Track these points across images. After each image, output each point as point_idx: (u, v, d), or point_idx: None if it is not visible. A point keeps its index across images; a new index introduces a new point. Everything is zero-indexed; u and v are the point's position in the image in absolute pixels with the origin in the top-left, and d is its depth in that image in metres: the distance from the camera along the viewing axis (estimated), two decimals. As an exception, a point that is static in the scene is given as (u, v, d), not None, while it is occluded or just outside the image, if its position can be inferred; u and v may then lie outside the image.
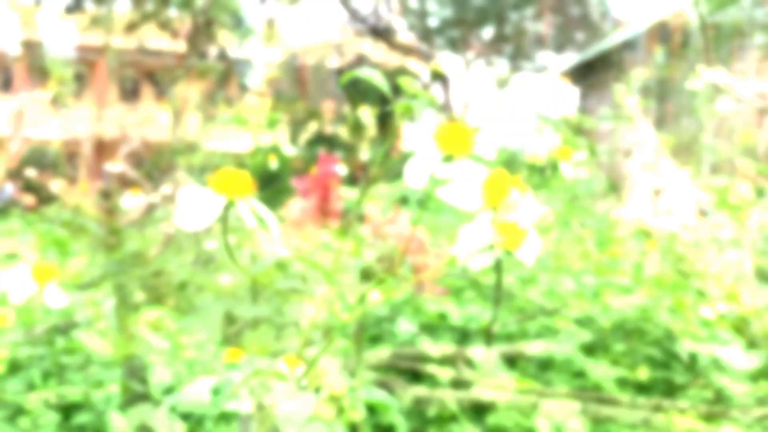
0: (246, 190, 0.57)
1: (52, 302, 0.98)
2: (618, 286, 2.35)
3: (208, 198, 0.57)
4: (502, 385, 1.77)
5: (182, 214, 0.55)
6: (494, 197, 0.52)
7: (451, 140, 0.57)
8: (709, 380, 2.09)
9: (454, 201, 0.53)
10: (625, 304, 2.22)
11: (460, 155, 0.58)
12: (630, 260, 2.66)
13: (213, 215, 0.55)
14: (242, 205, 0.57)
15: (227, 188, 0.57)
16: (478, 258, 0.52)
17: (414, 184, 0.56)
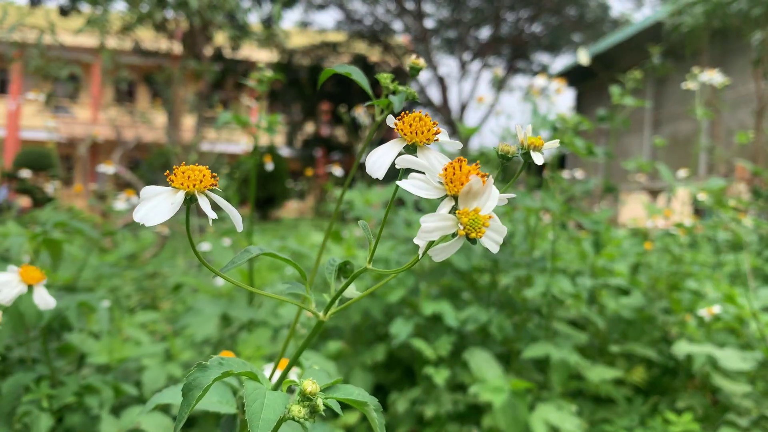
0: (206, 184, 0.57)
1: (40, 304, 0.97)
2: (614, 288, 2.35)
3: (168, 193, 0.56)
4: (499, 386, 1.77)
5: (143, 210, 0.54)
6: (455, 185, 0.52)
7: (413, 130, 0.57)
8: (706, 382, 2.08)
9: (414, 190, 0.52)
10: (622, 306, 2.21)
11: (422, 144, 0.57)
12: (626, 261, 2.66)
13: (173, 210, 0.55)
14: (202, 199, 0.57)
15: (187, 183, 0.56)
16: (441, 248, 0.51)
17: (374, 174, 0.55)
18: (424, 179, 0.53)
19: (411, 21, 18.80)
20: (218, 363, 0.58)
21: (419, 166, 0.54)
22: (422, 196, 0.52)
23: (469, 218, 0.50)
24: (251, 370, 0.60)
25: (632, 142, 14.53)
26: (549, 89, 2.40)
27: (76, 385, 1.37)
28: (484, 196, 0.51)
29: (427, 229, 0.50)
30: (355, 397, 0.63)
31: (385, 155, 0.56)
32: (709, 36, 7.83)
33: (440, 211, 0.51)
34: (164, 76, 8.46)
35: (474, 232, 0.50)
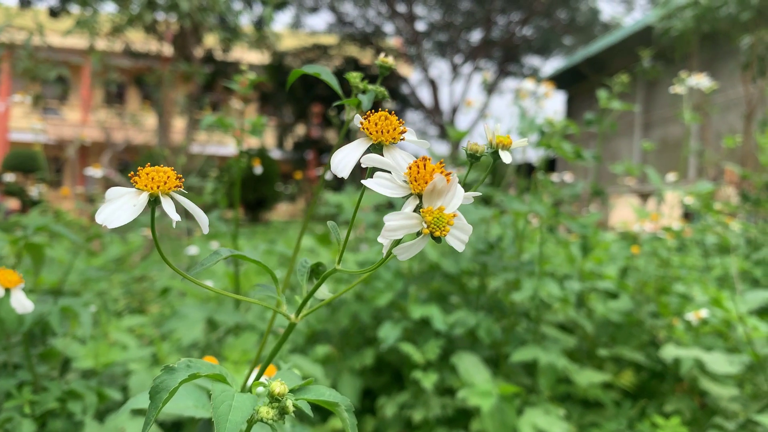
0: (170, 186, 0.56)
1: (18, 308, 0.96)
2: (603, 291, 2.35)
3: (132, 195, 0.56)
4: (487, 391, 1.76)
5: (105, 212, 0.54)
6: (419, 184, 0.52)
7: (379, 129, 0.57)
8: (694, 385, 2.09)
9: (379, 189, 0.52)
10: (610, 310, 2.22)
11: (388, 143, 0.57)
12: (615, 265, 2.66)
13: (136, 212, 0.54)
14: (166, 201, 0.56)
15: (151, 184, 0.56)
16: (406, 247, 0.51)
17: (339, 173, 0.55)
18: (389, 178, 0.53)
19: (402, 24, 18.82)
20: (186, 365, 0.57)
21: (385, 165, 0.54)
22: (387, 194, 0.52)
23: (434, 217, 0.50)
24: (220, 373, 0.60)
25: (622, 144, 14.58)
26: (538, 93, 2.40)
27: (59, 390, 1.35)
28: (448, 194, 0.51)
29: (390, 227, 0.49)
30: (326, 398, 0.62)
31: (350, 154, 0.56)
32: (698, 40, 7.87)
33: (404, 210, 0.51)
34: (154, 78, 8.43)
35: (438, 230, 0.50)
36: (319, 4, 18.46)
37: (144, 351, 1.85)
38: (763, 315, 2.24)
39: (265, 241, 5.48)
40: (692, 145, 9.94)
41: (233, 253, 0.64)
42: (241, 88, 1.57)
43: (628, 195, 8.18)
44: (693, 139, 10.95)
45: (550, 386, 1.94)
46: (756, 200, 3.08)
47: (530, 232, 2.52)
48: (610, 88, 2.57)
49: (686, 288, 2.31)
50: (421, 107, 19.87)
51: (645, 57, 5.16)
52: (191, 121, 8.97)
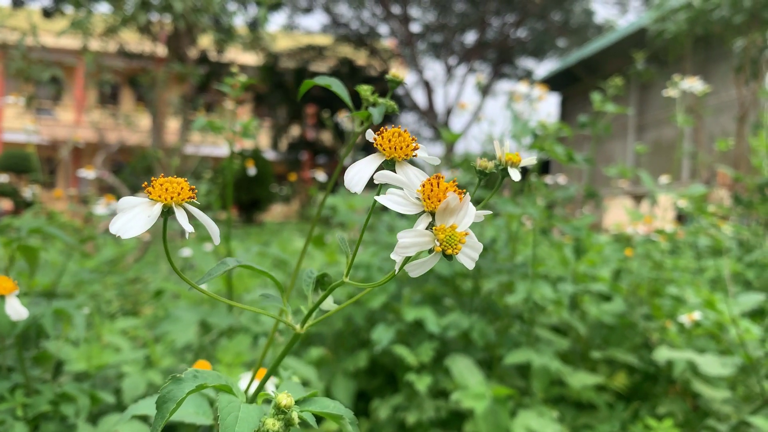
0: (184, 197, 0.57)
1: (12, 314, 0.96)
2: (596, 294, 2.35)
3: (145, 205, 0.56)
4: (480, 393, 1.76)
5: (119, 222, 0.54)
6: (433, 202, 0.52)
7: (392, 145, 0.57)
8: (687, 387, 2.10)
9: (392, 206, 0.52)
10: (603, 312, 2.22)
11: (400, 160, 0.58)
12: (608, 267, 2.67)
13: (150, 223, 0.55)
14: (180, 212, 0.56)
15: (165, 195, 0.56)
16: (418, 264, 0.51)
17: (353, 189, 0.55)
18: (402, 195, 0.54)
19: (397, 25, 18.83)
20: (193, 375, 0.57)
21: (397, 182, 0.54)
22: (400, 211, 0.52)
23: (446, 235, 0.50)
24: (226, 383, 0.60)
25: (616, 147, 14.63)
26: (531, 96, 2.41)
27: (52, 393, 1.35)
28: (460, 212, 0.51)
29: (404, 244, 0.50)
30: (330, 410, 0.62)
31: (363, 170, 0.56)
32: (692, 42, 7.91)
33: (417, 227, 0.52)
34: (148, 79, 8.42)
35: (450, 248, 0.50)
36: (314, 5, 18.46)
37: (137, 353, 1.84)
38: (755, 317, 2.25)
39: (259, 242, 5.48)
40: (685, 147, 9.98)
41: (240, 264, 0.65)
42: (233, 91, 1.57)
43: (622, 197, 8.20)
44: (686, 142, 11.00)
45: (544, 388, 1.95)
46: (748, 203, 3.09)
47: (524, 234, 2.52)
48: (603, 90, 2.58)
49: (679, 290, 2.32)
50: (416, 108, 19.89)
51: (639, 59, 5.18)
52: (185, 122, 8.96)
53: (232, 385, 0.60)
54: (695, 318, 2.00)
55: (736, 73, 6.84)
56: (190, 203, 0.58)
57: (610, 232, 3.98)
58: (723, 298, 2.06)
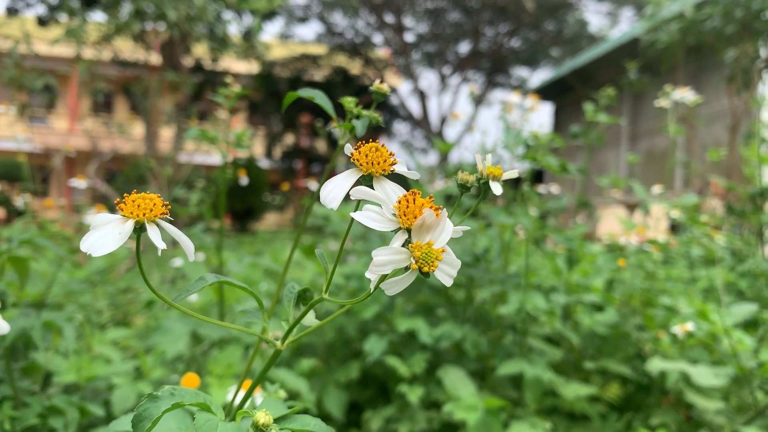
0: (157, 213, 0.56)
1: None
2: (589, 304, 2.35)
3: (117, 222, 0.55)
4: (473, 404, 1.76)
5: (90, 240, 0.53)
6: (408, 218, 0.51)
7: (369, 160, 0.57)
8: (680, 398, 2.09)
9: (368, 222, 0.52)
10: (596, 322, 2.22)
11: (378, 175, 0.57)
12: (601, 277, 2.67)
13: (121, 240, 0.54)
14: (151, 229, 0.56)
15: (137, 212, 0.55)
16: (393, 282, 0.50)
17: (328, 204, 0.55)
18: (378, 211, 0.53)
19: (391, 35, 18.88)
20: (170, 393, 0.56)
21: (374, 198, 0.54)
22: (376, 228, 0.51)
23: (422, 252, 0.49)
24: (204, 401, 0.59)
25: (609, 156, 14.68)
26: (524, 106, 2.41)
27: (40, 406, 1.34)
28: (437, 229, 0.51)
29: (379, 262, 0.49)
30: (311, 428, 0.62)
31: (339, 185, 0.55)
32: (684, 52, 7.95)
33: (393, 245, 0.51)
34: (142, 87, 8.41)
35: (427, 266, 0.49)
36: (309, 14, 18.50)
37: (127, 365, 1.83)
38: (748, 328, 2.25)
39: (252, 252, 5.46)
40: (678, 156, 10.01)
41: (219, 280, 0.64)
42: (227, 101, 1.57)
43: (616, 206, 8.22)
44: (679, 151, 11.04)
45: (537, 399, 1.94)
46: (741, 212, 3.10)
47: (517, 244, 2.52)
48: (596, 101, 2.59)
49: (672, 300, 2.32)
50: (410, 118, 19.92)
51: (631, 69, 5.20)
52: (179, 131, 8.94)
53: (211, 403, 0.60)
54: (688, 329, 2.00)
55: (728, 83, 6.88)
56: (164, 219, 0.58)
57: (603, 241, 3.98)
58: (716, 308, 2.06)
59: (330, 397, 2.00)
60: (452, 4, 17.93)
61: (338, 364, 2.18)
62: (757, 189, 2.77)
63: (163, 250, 0.57)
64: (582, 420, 2.10)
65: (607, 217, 6.67)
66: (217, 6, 7.48)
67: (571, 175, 2.12)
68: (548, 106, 18.50)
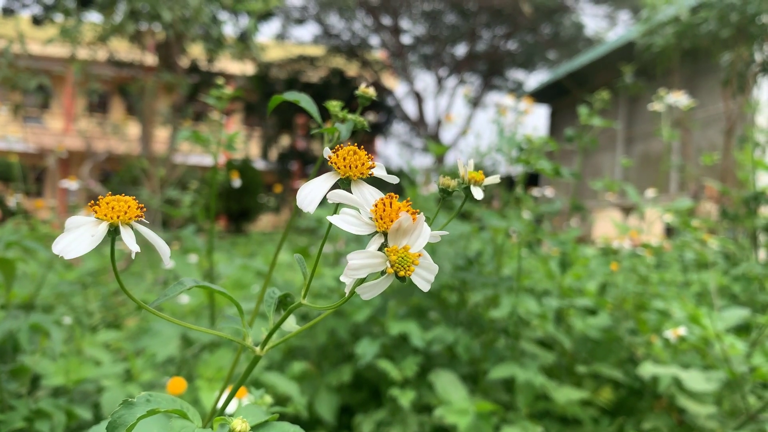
0: (131, 215, 0.55)
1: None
2: (581, 308, 2.35)
3: (91, 224, 0.54)
4: (464, 408, 1.75)
5: (63, 242, 0.52)
6: (385, 222, 0.51)
7: (347, 164, 0.56)
8: (672, 403, 2.09)
9: (345, 226, 0.51)
10: (589, 326, 2.21)
11: (356, 178, 0.56)
12: (594, 281, 2.67)
13: (94, 243, 0.53)
14: (126, 231, 0.55)
15: (111, 214, 0.54)
16: (369, 286, 0.50)
17: (305, 208, 0.54)
18: (355, 215, 0.52)
19: (388, 36, 18.89)
20: (146, 400, 0.55)
21: (351, 201, 0.53)
22: (352, 232, 0.51)
23: (398, 256, 0.49)
24: (180, 407, 0.58)
25: (605, 159, 14.69)
26: (518, 109, 2.41)
27: (27, 409, 1.33)
28: (414, 233, 0.50)
29: (354, 266, 0.48)
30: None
31: (316, 189, 0.55)
32: (679, 56, 7.96)
33: (369, 248, 0.50)
34: (137, 88, 8.39)
35: (403, 270, 0.49)
36: (306, 16, 18.49)
37: (117, 367, 1.82)
38: (740, 332, 2.24)
39: (245, 253, 5.44)
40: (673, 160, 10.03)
41: (198, 284, 0.63)
42: (219, 103, 1.56)
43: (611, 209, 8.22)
44: (674, 154, 11.06)
45: (528, 403, 1.93)
46: (734, 216, 3.10)
47: (510, 247, 2.51)
48: (590, 104, 2.58)
49: (665, 304, 2.32)
50: (407, 119, 19.93)
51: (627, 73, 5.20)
52: (174, 131, 8.93)
53: (187, 410, 0.59)
54: (680, 333, 1.99)
55: (723, 86, 6.88)
56: (139, 222, 0.57)
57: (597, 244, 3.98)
58: (708, 312, 2.05)
59: (321, 400, 1.99)
60: (449, 7, 17.94)
61: (330, 367, 2.17)
62: (751, 193, 2.77)
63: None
64: (574, 424, 2.10)
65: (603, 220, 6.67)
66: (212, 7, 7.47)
67: (565, 178, 2.11)
68: (544, 108, 18.52)
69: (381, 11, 18.26)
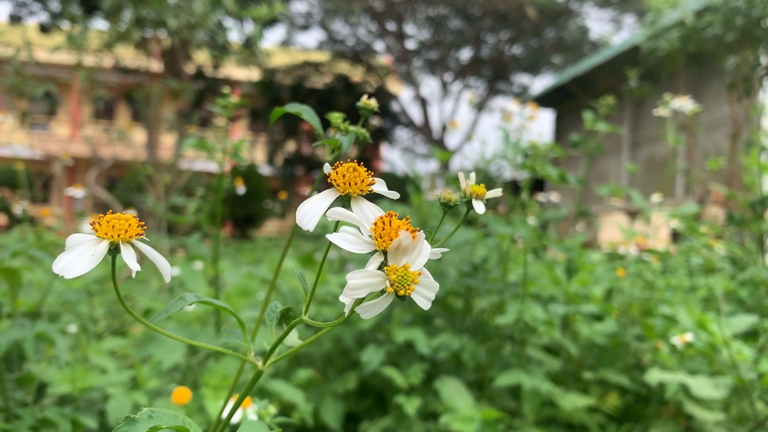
0: (132, 234, 0.55)
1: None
2: (588, 314, 2.34)
3: (91, 243, 0.54)
4: (470, 416, 1.74)
5: (63, 261, 0.52)
6: (384, 241, 0.50)
7: (347, 180, 0.56)
8: (679, 409, 2.08)
9: (344, 244, 0.51)
10: (595, 332, 2.21)
11: (356, 195, 0.56)
12: (600, 286, 2.66)
13: (94, 262, 0.53)
14: (126, 250, 0.55)
15: (112, 232, 0.54)
16: (369, 305, 0.49)
17: (304, 226, 0.54)
18: (355, 233, 0.52)
19: (392, 42, 18.92)
20: (148, 416, 0.55)
21: (351, 219, 0.53)
22: (351, 251, 0.50)
23: (398, 275, 0.48)
24: (183, 424, 0.58)
25: (610, 163, 14.66)
26: (523, 114, 2.41)
27: (33, 418, 1.33)
28: (414, 251, 0.49)
29: (353, 286, 0.48)
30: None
31: (316, 206, 0.54)
32: (684, 60, 7.95)
33: (369, 267, 0.50)
34: (143, 94, 8.42)
35: (403, 289, 0.48)
36: (310, 22, 18.54)
37: (123, 375, 1.82)
38: (747, 338, 2.23)
39: (251, 259, 5.45)
40: (679, 164, 10.00)
41: (199, 300, 0.63)
42: (224, 111, 1.56)
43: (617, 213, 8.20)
44: (680, 158, 11.03)
45: (535, 410, 1.93)
46: (741, 220, 3.08)
47: (515, 253, 2.51)
48: (595, 109, 2.58)
49: (671, 310, 2.31)
50: (411, 125, 19.94)
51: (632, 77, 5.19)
52: (180, 138, 8.95)
53: (189, 426, 0.59)
54: (687, 339, 1.98)
55: (729, 90, 6.87)
56: (140, 240, 0.56)
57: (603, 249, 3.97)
58: (715, 318, 2.04)
59: (327, 407, 1.99)
60: (453, 12, 17.96)
61: (336, 375, 2.16)
62: (758, 197, 2.76)
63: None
64: (580, 431, 2.09)
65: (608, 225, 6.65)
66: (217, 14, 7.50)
67: (571, 185, 2.11)
68: (549, 113, 18.50)
69: (385, 17, 18.29)
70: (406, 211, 2.44)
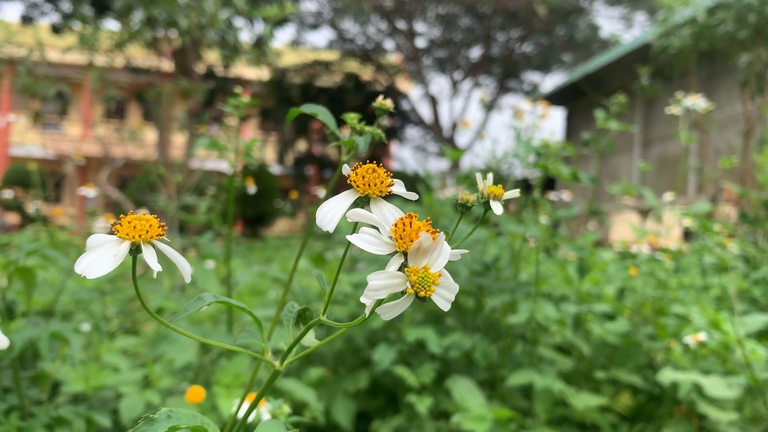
0: (153, 234, 0.55)
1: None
2: (600, 313, 2.33)
3: (113, 243, 0.54)
4: (481, 415, 1.74)
5: (85, 262, 0.52)
6: (405, 242, 0.50)
7: (366, 182, 0.56)
8: (692, 409, 2.06)
9: (364, 245, 0.51)
10: (607, 331, 2.20)
11: (375, 196, 0.56)
12: (612, 285, 2.64)
13: (116, 262, 0.53)
14: (147, 250, 0.55)
15: (133, 233, 0.55)
16: (389, 306, 0.49)
17: (324, 227, 0.54)
18: (375, 234, 0.52)
19: (402, 40, 18.91)
20: (166, 416, 0.55)
21: (371, 220, 0.53)
22: (372, 252, 0.50)
23: (418, 276, 0.48)
24: (201, 424, 0.58)
25: (622, 161, 14.60)
26: (535, 113, 2.40)
27: (47, 416, 1.34)
28: (434, 253, 0.49)
29: (374, 287, 0.48)
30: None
31: (336, 207, 0.54)
32: (696, 57, 7.90)
33: (389, 269, 0.50)
34: (154, 94, 8.46)
35: (423, 290, 0.48)
36: (320, 21, 18.56)
37: (136, 373, 1.83)
38: (761, 338, 2.22)
39: (262, 258, 5.46)
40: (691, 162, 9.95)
41: (217, 299, 0.63)
42: (235, 111, 1.57)
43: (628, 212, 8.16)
44: (692, 156, 10.97)
45: (547, 410, 1.92)
46: (754, 219, 3.06)
47: (527, 252, 2.50)
48: (607, 107, 2.57)
49: (684, 309, 2.29)
50: (421, 123, 19.92)
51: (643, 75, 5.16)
52: (191, 137, 8.99)
53: (207, 425, 0.59)
54: (700, 338, 1.97)
55: (742, 88, 6.82)
56: (160, 240, 0.57)
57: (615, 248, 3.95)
58: (728, 317, 2.03)
59: (338, 406, 1.99)
60: (464, 10, 17.92)
61: (347, 373, 2.17)
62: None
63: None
64: (592, 430, 2.08)
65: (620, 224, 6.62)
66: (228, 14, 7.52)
67: (583, 183, 2.10)
68: (560, 111, 18.44)
69: (395, 15, 18.28)
70: (416, 210, 2.43)
